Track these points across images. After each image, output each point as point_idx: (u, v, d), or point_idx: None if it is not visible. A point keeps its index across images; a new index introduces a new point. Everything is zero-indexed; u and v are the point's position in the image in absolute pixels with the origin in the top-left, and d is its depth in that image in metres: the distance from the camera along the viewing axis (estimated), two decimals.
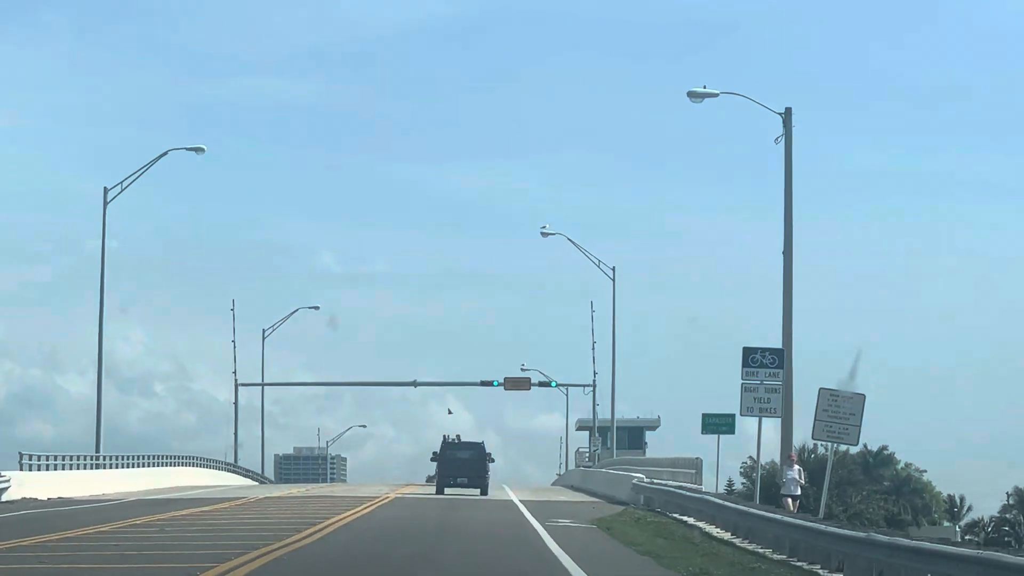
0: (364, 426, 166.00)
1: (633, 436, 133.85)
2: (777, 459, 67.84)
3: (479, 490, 61.71)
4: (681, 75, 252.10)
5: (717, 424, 54.57)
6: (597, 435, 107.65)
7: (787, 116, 46.51)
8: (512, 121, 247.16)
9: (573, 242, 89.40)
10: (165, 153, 67.02)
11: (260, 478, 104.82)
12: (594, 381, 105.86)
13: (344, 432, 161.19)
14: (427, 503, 50.57)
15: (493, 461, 66.05)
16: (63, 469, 60.68)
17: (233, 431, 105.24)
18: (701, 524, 39.40)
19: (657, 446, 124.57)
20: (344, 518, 38.70)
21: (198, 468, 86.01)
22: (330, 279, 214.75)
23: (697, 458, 53.88)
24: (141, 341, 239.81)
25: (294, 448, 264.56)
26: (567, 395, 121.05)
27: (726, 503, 35.73)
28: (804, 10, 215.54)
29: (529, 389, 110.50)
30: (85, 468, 63.68)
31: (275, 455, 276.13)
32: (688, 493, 43.43)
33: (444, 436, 66.94)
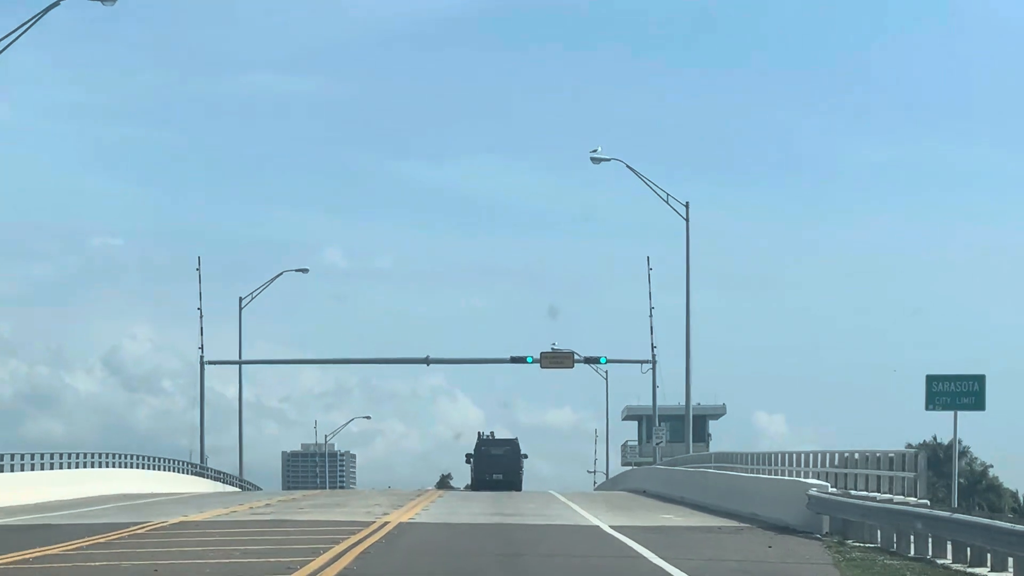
0: (368, 417, 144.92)
1: (694, 426, 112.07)
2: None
3: (513, 487, 62.54)
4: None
5: (954, 394, 32.12)
6: (660, 425, 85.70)
7: None
8: (519, 118, 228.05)
9: (633, 169, 67.33)
10: (57, 3, 46.02)
11: (241, 482, 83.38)
12: (653, 356, 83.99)
13: (346, 424, 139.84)
14: (456, 543, 28.23)
15: (527, 457, 67.56)
16: None
17: (199, 420, 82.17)
18: None
19: (721, 437, 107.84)
20: None
21: (146, 471, 65.72)
22: (337, 275, 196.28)
23: (917, 452, 31.35)
24: (149, 338, 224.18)
25: (301, 445, 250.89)
26: (607, 378, 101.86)
27: None
28: None
29: (572, 366, 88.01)
30: None
31: (283, 452, 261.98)
32: (997, 524, 21.00)
33: (479, 432, 67.84)
